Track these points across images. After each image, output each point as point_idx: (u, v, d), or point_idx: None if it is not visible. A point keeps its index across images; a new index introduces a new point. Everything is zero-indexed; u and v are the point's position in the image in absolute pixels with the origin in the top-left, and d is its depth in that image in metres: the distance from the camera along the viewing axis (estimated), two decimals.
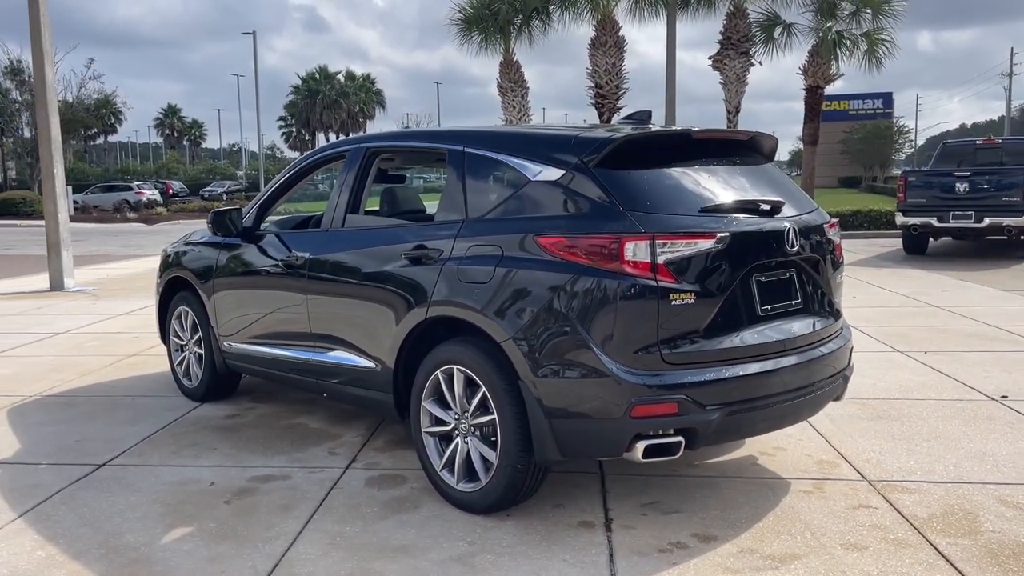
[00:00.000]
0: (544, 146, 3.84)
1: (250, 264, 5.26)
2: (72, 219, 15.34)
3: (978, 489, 4.08)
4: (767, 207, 3.77)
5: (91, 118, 47.76)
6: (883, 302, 9.97)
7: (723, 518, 3.78)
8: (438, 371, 3.90)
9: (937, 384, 6.07)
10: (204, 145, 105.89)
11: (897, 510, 3.86)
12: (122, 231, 28.82)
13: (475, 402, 3.75)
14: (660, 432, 3.41)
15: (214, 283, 5.48)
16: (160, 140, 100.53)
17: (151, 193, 43.67)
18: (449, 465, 3.91)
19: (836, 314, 4.14)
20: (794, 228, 3.78)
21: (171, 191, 49.11)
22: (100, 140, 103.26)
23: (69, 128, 40.13)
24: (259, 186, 58.33)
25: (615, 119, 21.01)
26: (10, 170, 52.47)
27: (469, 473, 3.84)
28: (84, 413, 5.59)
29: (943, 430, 5.00)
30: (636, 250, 3.37)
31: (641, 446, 3.38)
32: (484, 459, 3.76)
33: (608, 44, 21.00)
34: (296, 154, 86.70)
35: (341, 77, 73.67)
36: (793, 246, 3.76)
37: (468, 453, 3.83)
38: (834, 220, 4.27)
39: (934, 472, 4.33)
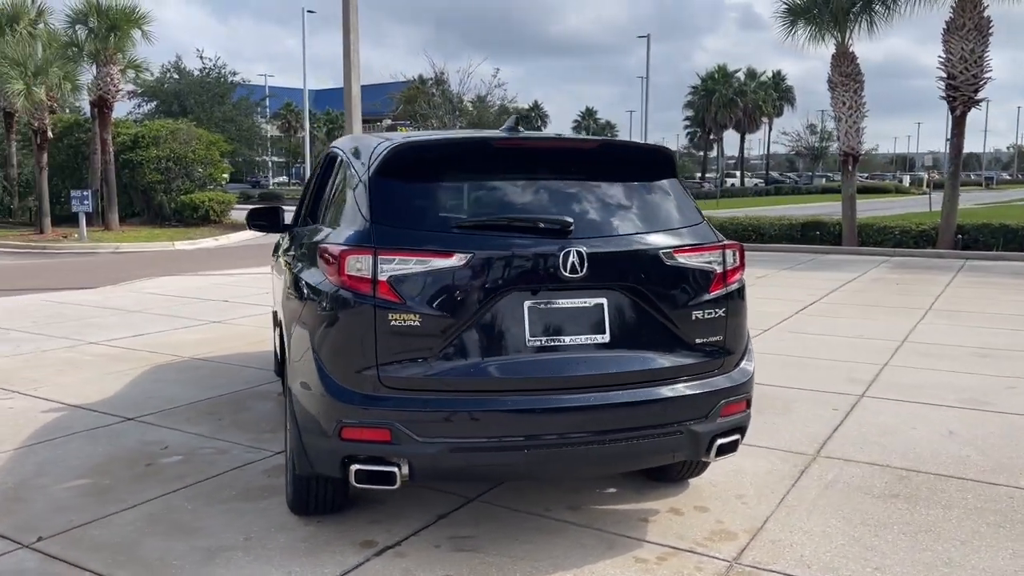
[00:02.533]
0: (363, 153, 3.78)
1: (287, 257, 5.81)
2: None
3: None
4: (547, 227, 3.30)
5: (495, 122, 53.15)
6: None
7: (514, 567, 3.42)
8: None
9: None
10: None
11: None
12: None
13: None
14: (373, 458, 3.22)
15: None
16: None
17: None
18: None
19: (687, 354, 3.45)
20: (581, 252, 3.25)
21: None
22: None
23: None
24: None
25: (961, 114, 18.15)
26: None
27: None
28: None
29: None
30: (358, 264, 3.22)
31: (353, 469, 3.24)
32: None
33: (967, 27, 18.02)
34: (700, 154, 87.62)
35: (741, 75, 72.38)
36: (576, 271, 3.24)
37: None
38: (712, 244, 3.54)
39: None
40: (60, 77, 22.37)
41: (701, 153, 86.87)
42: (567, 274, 3.23)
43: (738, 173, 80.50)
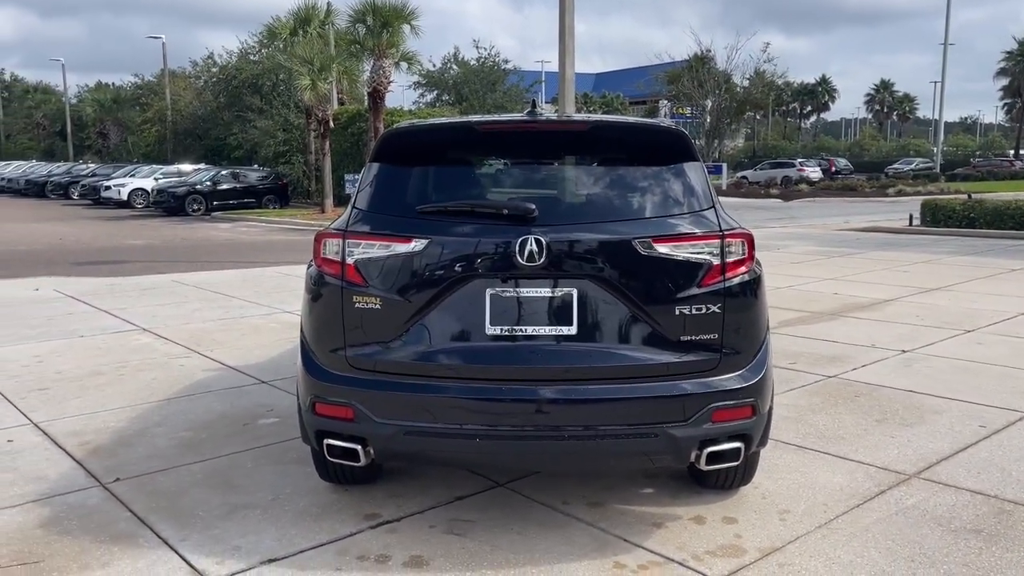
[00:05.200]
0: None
1: None
2: (722, 192, 17.16)
3: None
4: (510, 212, 3.17)
5: (764, 98, 50.62)
6: None
7: (489, 556, 3.39)
8: None
9: None
10: (918, 116, 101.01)
11: None
12: (746, 205, 30.50)
13: None
14: (341, 434, 3.34)
15: None
16: (869, 116, 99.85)
17: (812, 170, 44.55)
18: None
19: (667, 352, 3.16)
20: (540, 240, 3.09)
21: (834, 168, 49.29)
22: (813, 119, 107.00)
23: (741, 110, 43.58)
24: (955, 164, 54.13)
25: None
26: None
27: None
28: None
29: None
30: (330, 248, 3.34)
31: (325, 444, 3.38)
32: None
33: None
34: (1017, 127, 76.87)
35: None
36: (534, 260, 3.10)
37: None
38: (706, 233, 3.20)
39: None
40: (340, 72, 24.84)
41: (1019, 126, 76.21)
42: (524, 262, 3.11)
43: None
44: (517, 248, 3.11)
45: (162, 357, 6.85)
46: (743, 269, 3.23)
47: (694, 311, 3.16)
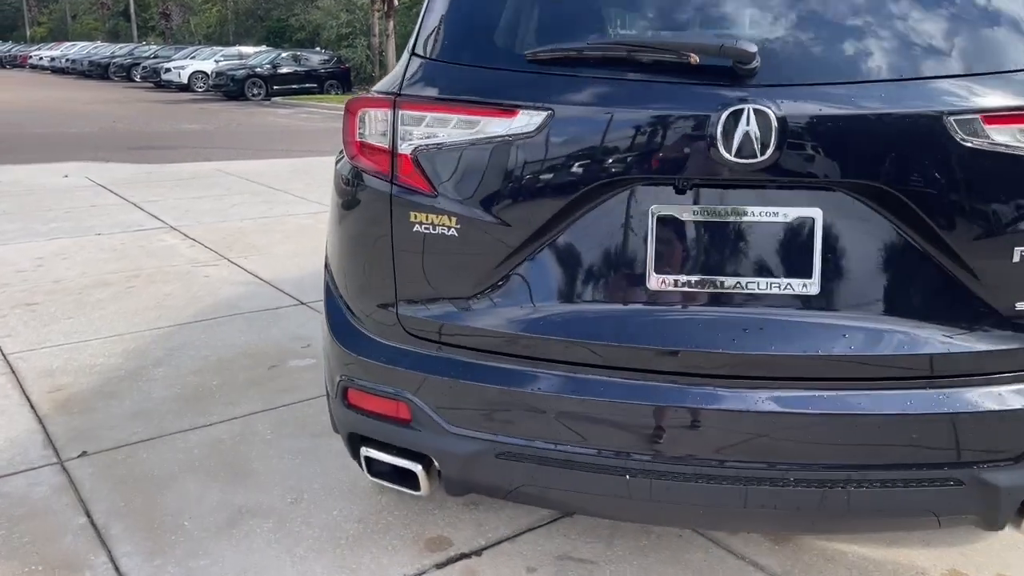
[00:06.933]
0: None
1: None
2: None
3: None
4: (705, 63, 1.67)
5: None
6: None
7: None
8: None
9: None
10: None
11: None
12: None
13: None
14: (389, 444, 1.99)
15: None
16: None
17: None
18: None
19: (992, 332, 1.69)
20: (767, 113, 1.61)
21: None
22: None
23: None
24: None
25: None
26: None
27: None
28: None
29: None
30: (372, 124, 1.90)
31: (363, 455, 2.04)
32: None
33: None
34: None
35: None
36: (751, 153, 1.62)
37: None
38: None
39: None
40: None
41: None
42: (732, 157, 1.64)
43: None
44: (720, 129, 1.64)
45: (185, 264, 5.61)
46: None
47: None
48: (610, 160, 1.71)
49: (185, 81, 30.17)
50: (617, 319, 1.74)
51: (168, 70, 31.28)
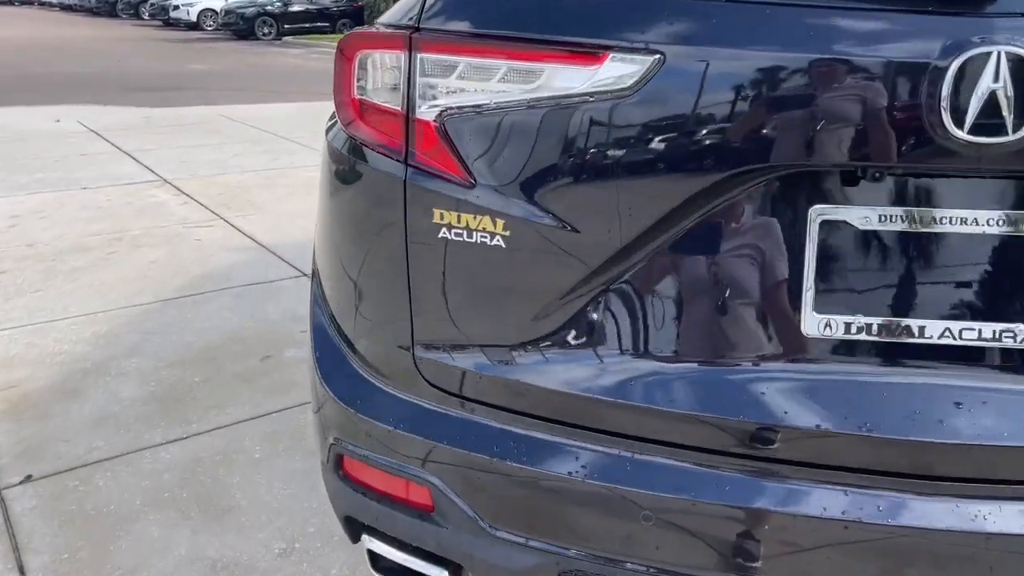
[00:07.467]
0: None
1: None
2: None
3: None
4: None
5: None
6: None
7: None
8: None
9: None
10: None
11: None
12: None
13: None
14: (401, 541, 1.39)
15: None
16: None
17: None
18: None
19: None
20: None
21: None
22: None
23: None
24: None
25: None
26: None
27: None
28: None
29: None
30: (374, 73, 1.26)
31: (367, 545, 1.44)
32: None
33: None
34: None
35: None
36: (1004, 129, 0.97)
37: None
38: None
39: None
40: None
41: None
42: (967, 135, 0.99)
43: None
44: (944, 88, 0.98)
45: (175, 225, 5.01)
46: None
47: None
48: (751, 135, 1.06)
49: (194, 19, 29.21)
50: (749, 384, 1.12)
51: (177, 7, 30.28)
